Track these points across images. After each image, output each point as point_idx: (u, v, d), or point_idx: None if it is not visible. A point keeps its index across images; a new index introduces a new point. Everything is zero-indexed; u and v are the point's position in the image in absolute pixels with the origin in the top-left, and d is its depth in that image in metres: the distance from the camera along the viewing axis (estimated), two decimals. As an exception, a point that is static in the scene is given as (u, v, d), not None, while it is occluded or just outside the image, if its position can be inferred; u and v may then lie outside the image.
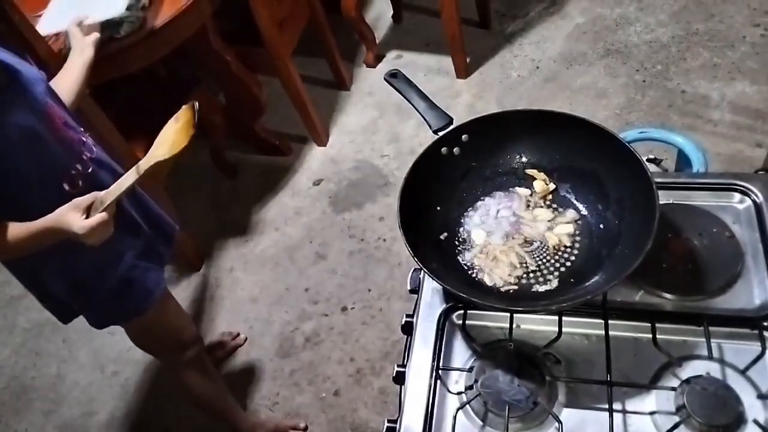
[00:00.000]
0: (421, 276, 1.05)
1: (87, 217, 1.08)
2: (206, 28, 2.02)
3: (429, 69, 2.72)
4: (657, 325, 0.92)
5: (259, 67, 2.35)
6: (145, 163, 1.05)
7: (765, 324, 0.90)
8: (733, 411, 0.81)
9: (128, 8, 1.68)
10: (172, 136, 1.06)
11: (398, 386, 0.97)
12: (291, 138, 2.61)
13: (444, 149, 1.07)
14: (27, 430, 2.05)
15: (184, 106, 1.07)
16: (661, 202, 0.88)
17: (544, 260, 1.01)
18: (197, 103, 1.06)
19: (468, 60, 2.65)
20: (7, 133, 1.09)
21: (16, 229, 1.11)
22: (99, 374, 2.12)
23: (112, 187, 1.10)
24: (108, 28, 1.66)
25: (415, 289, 1.05)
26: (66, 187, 1.19)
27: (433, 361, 0.95)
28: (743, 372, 0.87)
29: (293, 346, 2.04)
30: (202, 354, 1.65)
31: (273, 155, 2.57)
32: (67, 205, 1.09)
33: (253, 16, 2.07)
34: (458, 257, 1.04)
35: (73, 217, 1.08)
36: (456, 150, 1.08)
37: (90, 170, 1.23)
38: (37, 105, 1.15)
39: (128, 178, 1.08)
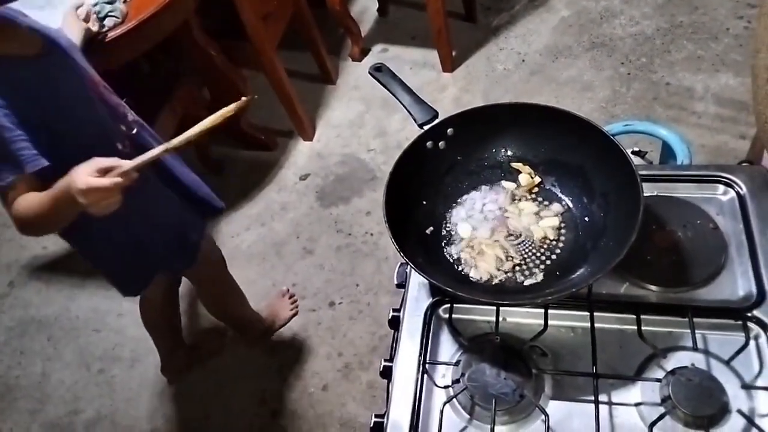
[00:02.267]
0: (408, 270, 1.05)
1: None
2: (190, 22, 2.00)
3: (415, 63, 2.72)
4: (642, 316, 0.92)
5: (244, 61, 2.33)
6: (179, 140, 1.02)
7: (749, 315, 0.91)
8: (717, 401, 0.82)
9: (110, 2, 1.66)
10: (208, 120, 1.03)
11: (386, 381, 0.97)
12: (277, 133, 2.59)
13: (429, 143, 1.06)
14: (12, 430, 2.03)
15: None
16: (645, 195, 0.89)
17: (530, 254, 1.01)
18: (246, 99, 1.04)
19: (454, 53, 2.65)
20: (64, 96, 1.14)
21: (39, 197, 1.07)
22: (85, 372, 2.11)
23: (136, 159, 1.04)
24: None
25: (402, 284, 1.05)
26: (119, 146, 1.23)
27: (420, 355, 0.95)
28: (727, 363, 0.87)
29: (281, 341, 2.04)
30: None
31: (259, 150, 2.55)
32: (86, 162, 1.02)
33: (237, 10, 2.06)
34: (444, 251, 1.04)
35: (82, 170, 1.00)
36: (441, 144, 1.07)
37: (135, 131, 1.28)
38: (81, 70, 1.20)
39: (155, 151, 1.04)
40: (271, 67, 2.29)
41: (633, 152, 1.54)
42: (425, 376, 0.93)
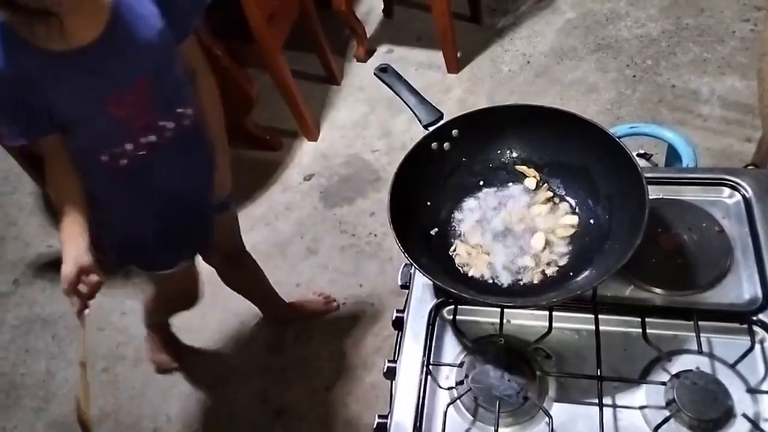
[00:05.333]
0: (412, 271, 1.05)
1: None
2: (195, 22, 2.00)
3: (420, 64, 2.72)
4: (647, 319, 0.92)
5: (249, 61, 2.34)
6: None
7: (754, 318, 0.91)
8: (722, 405, 0.82)
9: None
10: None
11: (389, 382, 0.97)
12: (281, 133, 2.59)
13: (434, 144, 1.06)
14: (16, 428, 2.03)
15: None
16: (651, 197, 0.88)
17: (535, 255, 1.01)
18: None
19: (459, 55, 2.65)
20: (62, 97, 1.08)
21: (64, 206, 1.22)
22: (88, 370, 2.10)
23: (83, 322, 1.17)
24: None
25: (406, 285, 1.05)
26: (103, 158, 1.20)
27: (424, 356, 0.94)
28: (732, 366, 0.87)
29: (284, 341, 2.04)
30: None
31: (263, 150, 2.55)
32: (81, 248, 1.21)
33: (243, 10, 2.06)
34: (449, 252, 1.04)
35: (71, 260, 1.21)
36: (446, 145, 1.07)
37: (143, 153, 1.22)
38: (114, 77, 1.11)
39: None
40: (276, 68, 2.29)
41: (638, 155, 1.53)
42: (429, 377, 0.93)
